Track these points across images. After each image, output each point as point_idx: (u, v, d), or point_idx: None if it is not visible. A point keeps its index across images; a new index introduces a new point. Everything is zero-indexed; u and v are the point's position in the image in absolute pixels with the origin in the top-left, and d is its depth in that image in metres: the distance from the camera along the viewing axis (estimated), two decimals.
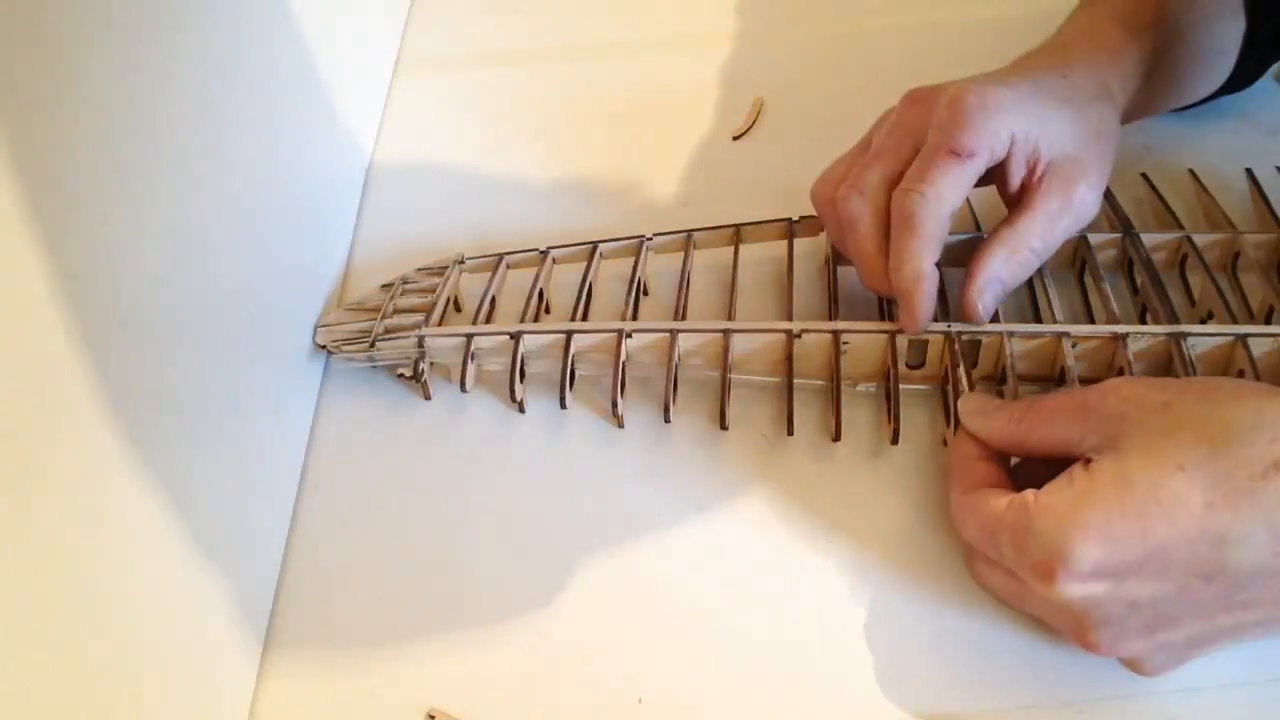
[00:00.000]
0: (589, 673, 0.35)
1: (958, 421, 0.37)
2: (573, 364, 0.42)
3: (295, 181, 0.45)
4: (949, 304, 0.41)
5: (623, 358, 0.41)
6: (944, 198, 0.37)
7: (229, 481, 0.36)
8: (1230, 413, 0.29)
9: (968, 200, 0.42)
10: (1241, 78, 0.48)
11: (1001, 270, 0.38)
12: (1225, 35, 0.46)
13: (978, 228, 0.45)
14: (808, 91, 0.57)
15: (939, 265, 0.38)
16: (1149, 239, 0.43)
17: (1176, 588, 0.29)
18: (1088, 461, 0.31)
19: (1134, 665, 0.32)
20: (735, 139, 0.56)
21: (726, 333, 0.41)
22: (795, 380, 0.40)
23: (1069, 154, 0.39)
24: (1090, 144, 0.39)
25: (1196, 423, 0.30)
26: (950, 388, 0.39)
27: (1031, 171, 0.39)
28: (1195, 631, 0.30)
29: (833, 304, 0.42)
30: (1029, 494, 0.31)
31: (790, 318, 0.42)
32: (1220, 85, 0.48)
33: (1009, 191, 0.40)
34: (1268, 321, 0.41)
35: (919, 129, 0.38)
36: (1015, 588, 0.32)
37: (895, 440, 0.39)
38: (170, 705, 0.31)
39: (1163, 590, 0.29)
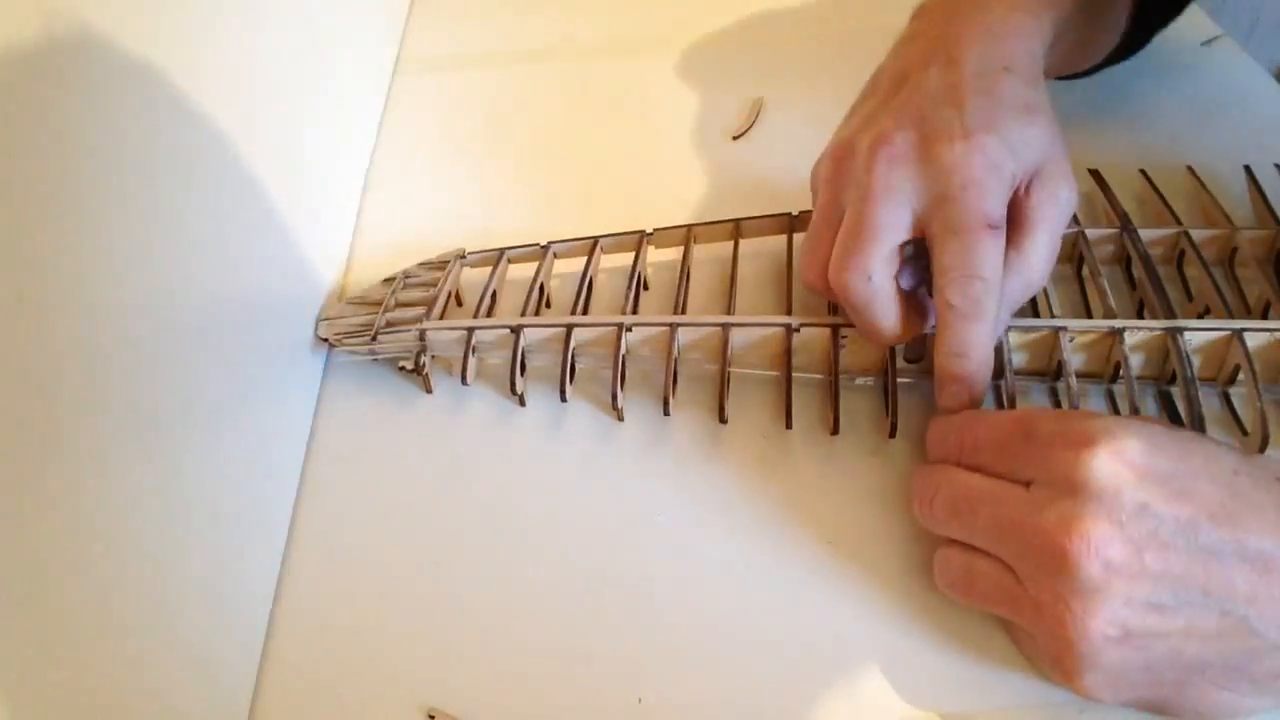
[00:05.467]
0: (589, 673, 0.35)
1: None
2: (573, 357, 0.42)
3: (297, 179, 0.45)
4: None
5: (622, 351, 0.41)
6: (997, 274, 0.35)
7: (230, 475, 0.36)
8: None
9: None
10: (1126, 49, 0.48)
11: (1010, 303, 0.37)
12: (1117, 4, 0.46)
13: None
14: (808, 91, 0.58)
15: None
16: (1146, 234, 0.44)
17: (1186, 515, 0.29)
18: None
19: (1089, 594, 0.29)
20: (735, 139, 0.56)
21: (726, 326, 0.41)
22: (794, 374, 0.40)
23: (1046, 163, 0.37)
24: (1057, 143, 0.38)
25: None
26: None
27: (1016, 190, 0.37)
28: (1177, 575, 0.28)
29: None
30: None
31: (789, 312, 0.42)
32: (1104, 58, 0.49)
33: None
34: (1264, 316, 0.41)
35: (915, 195, 0.36)
36: (1008, 578, 0.32)
37: (893, 433, 0.39)
38: (170, 704, 0.31)
39: (1173, 512, 0.29)
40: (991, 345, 0.36)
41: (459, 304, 0.46)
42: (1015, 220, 0.37)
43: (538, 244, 0.47)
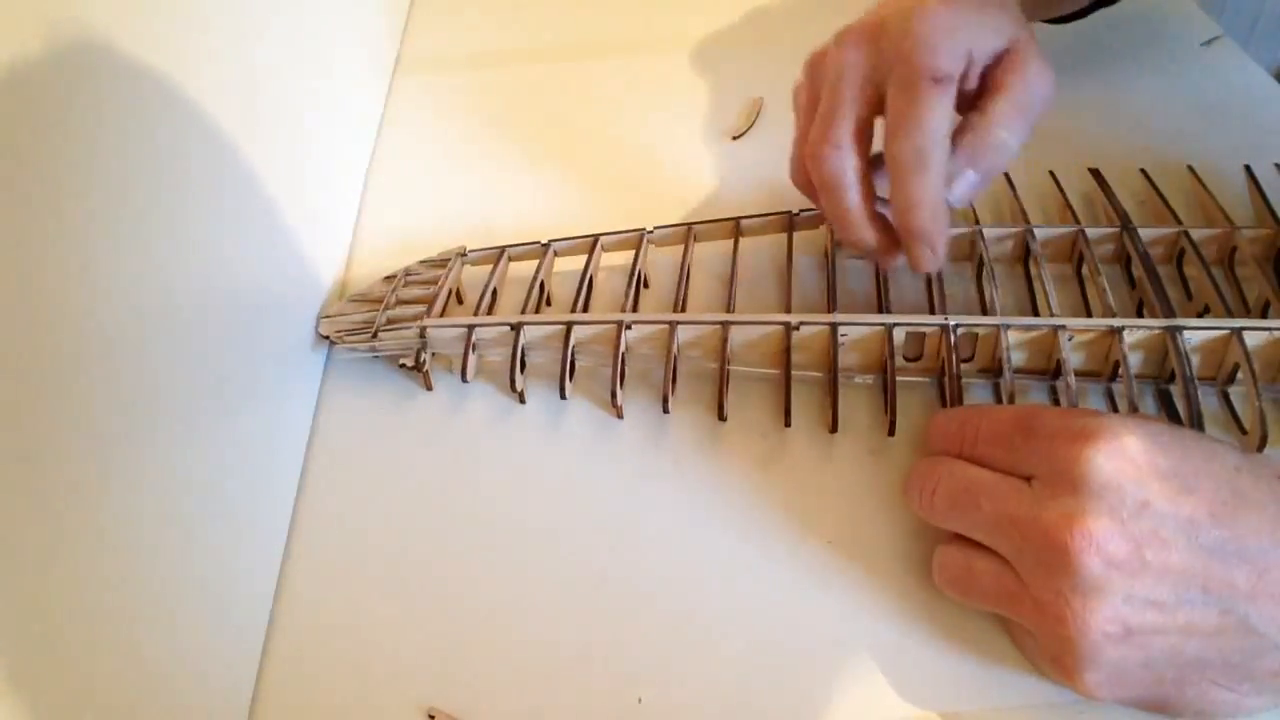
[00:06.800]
0: (589, 673, 0.35)
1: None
2: (573, 355, 0.42)
3: (298, 177, 0.45)
4: (945, 297, 0.41)
5: (622, 349, 0.41)
6: (941, 127, 0.36)
7: (231, 473, 0.36)
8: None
9: None
10: None
11: (974, 160, 0.38)
12: None
13: (977, 221, 0.45)
14: None
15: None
16: (1146, 233, 0.44)
17: (1187, 513, 0.29)
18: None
19: (1089, 591, 0.29)
20: (735, 139, 0.56)
21: (725, 324, 0.41)
22: (793, 372, 0.40)
23: (1014, 43, 0.38)
24: (1026, 30, 0.39)
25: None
26: (947, 380, 0.39)
27: (986, 65, 0.38)
28: (1177, 572, 0.28)
29: (831, 296, 0.42)
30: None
31: (789, 310, 0.42)
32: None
33: (965, 95, 0.39)
34: (1263, 315, 0.41)
35: (874, 68, 0.38)
36: (1007, 575, 0.32)
37: (892, 432, 0.39)
38: (170, 704, 0.31)
39: (1174, 509, 0.29)
40: (941, 198, 0.37)
41: (460, 301, 0.47)
42: (982, 88, 0.38)
43: (538, 242, 0.47)
